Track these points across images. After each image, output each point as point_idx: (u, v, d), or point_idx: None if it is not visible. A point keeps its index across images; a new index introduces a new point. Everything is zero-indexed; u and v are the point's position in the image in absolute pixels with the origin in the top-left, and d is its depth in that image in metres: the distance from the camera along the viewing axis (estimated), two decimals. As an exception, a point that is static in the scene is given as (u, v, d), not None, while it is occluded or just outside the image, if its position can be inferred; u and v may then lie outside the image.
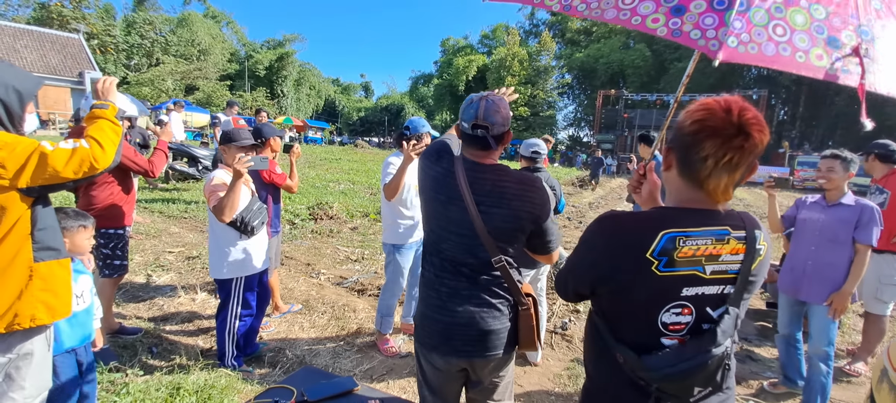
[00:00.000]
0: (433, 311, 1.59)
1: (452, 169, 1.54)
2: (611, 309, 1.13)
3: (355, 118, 63.08)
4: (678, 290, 1.03)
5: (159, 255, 5.29)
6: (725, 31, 1.41)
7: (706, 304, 1.05)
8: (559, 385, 3.22)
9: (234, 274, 2.84)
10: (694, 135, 1.01)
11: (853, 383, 3.42)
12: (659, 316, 1.05)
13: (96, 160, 1.65)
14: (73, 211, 2.24)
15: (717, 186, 1.03)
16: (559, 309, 4.44)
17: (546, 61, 44.28)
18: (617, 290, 1.09)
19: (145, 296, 4.20)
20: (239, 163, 2.60)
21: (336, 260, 5.81)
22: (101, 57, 33.53)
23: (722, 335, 1.02)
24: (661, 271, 1.01)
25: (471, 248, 1.53)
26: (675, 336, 1.06)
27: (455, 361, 1.59)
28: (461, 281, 1.56)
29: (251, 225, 2.82)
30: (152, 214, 7.27)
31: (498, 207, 1.51)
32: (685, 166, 1.06)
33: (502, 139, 1.57)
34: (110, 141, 1.74)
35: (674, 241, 1.01)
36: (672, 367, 1.01)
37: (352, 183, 12.33)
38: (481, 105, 1.52)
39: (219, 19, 49.39)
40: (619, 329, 1.11)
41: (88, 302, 2.22)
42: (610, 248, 1.08)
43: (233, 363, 3.00)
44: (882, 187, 3.45)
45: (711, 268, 1.03)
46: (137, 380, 2.71)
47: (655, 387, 1.06)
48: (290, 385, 1.62)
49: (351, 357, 3.37)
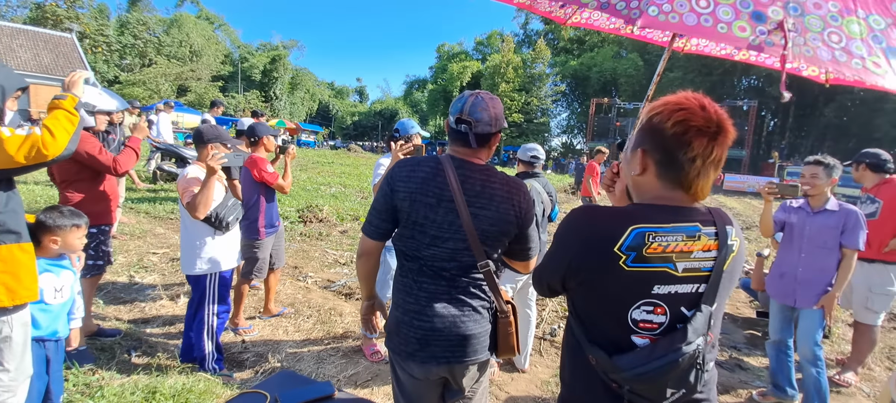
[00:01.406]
0: (409, 317, 1.51)
1: (441, 167, 1.47)
2: (582, 306, 1.11)
3: (349, 122, 62.99)
4: (648, 287, 1.00)
5: (143, 256, 5.18)
6: (646, 1, 1.47)
7: (680, 304, 1.02)
8: (547, 391, 3.17)
9: (207, 270, 2.79)
10: (680, 136, 0.99)
11: (843, 393, 3.40)
12: (629, 312, 1.02)
13: (45, 146, 1.68)
14: (68, 210, 2.25)
15: (705, 185, 1.03)
16: (548, 315, 4.40)
17: (540, 69, 44.50)
18: (586, 284, 1.06)
19: (127, 298, 4.10)
20: (212, 160, 2.58)
21: (324, 264, 5.73)
22: (93, 57, 33.28)
23: (693, 333, 0.99)
24: (629, 266, 0.99)
25: (455, 252, 1.46)
26: (648, 334, 1.03)
27: (434, 369, 1.52)
28: (441, 285, 1.49)
29: (225, 221, 2.78)
30: (138, 215, 7.14)
31: (486, 209, 1.46)
32: (668, 168, 1.03)
33: (487, 141, 1.50)
34: (63, 129, 1.78)
35: (643, 237, 0.99)
36: (643, 366, 0.98)
37: (343, 186, 12.24)
38: (469, 100, 1.48)
39: (212, 21, 49.22)
40: (590, 327, 1.09)
41: (67, 297, 2.22)
42: (580, 241, 1.06)
43: (213, 366, 2.92)
44: (873, 197, 3.46)
45: (683, 266, 1.01)
46: (113, 383, 2.62)
47: (628, 389, 1.03)
48: (265, 390, 1.56)
49: (335, 362, 3.30)
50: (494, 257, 1.51)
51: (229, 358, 3.22)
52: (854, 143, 25.72)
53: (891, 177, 3.46)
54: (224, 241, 2.84)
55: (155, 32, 41.18)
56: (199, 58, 42.99)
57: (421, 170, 1.50)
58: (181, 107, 27.53)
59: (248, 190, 3.56)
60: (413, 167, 1.52)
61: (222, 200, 2.81)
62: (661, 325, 1.03)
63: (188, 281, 2.91)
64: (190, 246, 2.80)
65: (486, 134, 1.48)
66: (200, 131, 2.87)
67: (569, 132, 52.15)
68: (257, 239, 3.56)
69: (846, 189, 13.18)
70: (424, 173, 1.49)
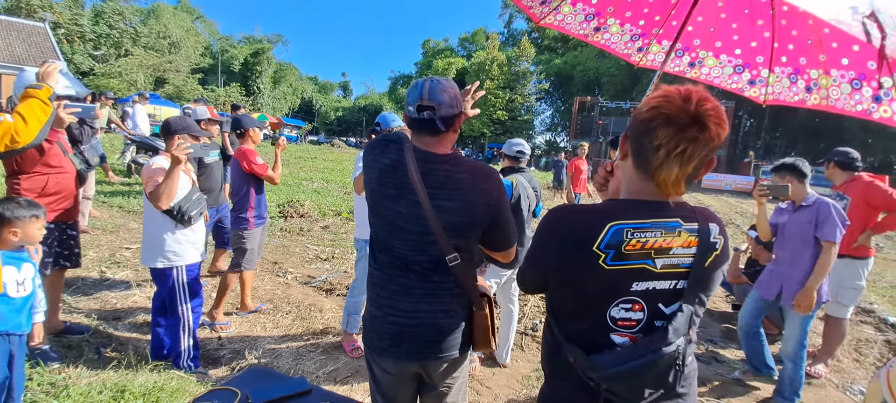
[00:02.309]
0: (382, 312, 1.48)
1: (402, 159, 1.41)
2: (561, 304, 1.09)
3: (332, 117, 62.31)
4: (628, 285, 0.99)
5: (115, 251, 5.02)
6: None
7: (658, 300, 1.01)
8: (527, 386, 3.18)
9: (168, 264, 2.71)
10: (647, 122, 0.97)
11: (814, 384, 3.49)
12: (608, 310, 1.00)
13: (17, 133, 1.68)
14: (25, 201, 2.18)
15: (667, 178, 0.98)
16: (530, 310, 4.41)
17: (524, 67, 44.69)
18: (565, 283, 1.05)
19: (97, 293, 3.96)
20: (177, 150, 2.52)
21: (305, 259, 5.65)
22: (67, 46, 32.22)
23: (673, 333, 0.98)
24: (609, 264, 0.97)
25: (422, 246, 1.41)
26: (626, 332, 1.02)
27: (407, 364, 1.49)
28: (412, 279, 1.44)
29: (188, 214, 2.71)
30: (111, 209, 6.92)
31: (451, 200, 1.40)
32: (637, 155, 1.02)
33: (452, 123, 1.43)
34: (35, 118, 1.77)
35: (621, 234, 0.97)
36: (620, 365, 0.97)
37: (325, 182, 12.11)
38: (426, 85, 1.40)
39: (192, 13, 48.08)
40: (569, 326, 1.07)
41: (29, 290, 2.15)
42: (558, 240, 1.04)
43: (189, 364, 2.85)
44: (842, 194, 3.55)
45: (662, 262, 0.99)
46: (80, 382, 2.53)
47: (605, 388, 1.01)
48: (236, 387, 1.51)
49: (315, 358, 3.25)
50: (467, 249, 1.46)
51: (204, 355, 3.14)
52: (825, 144, 26.50)
53: (859, 175, 3.56)
54: (187, 236, 2.77)
55: (131, 22, 39.99)
56: (178, 49, 41.94)
57: (383, 158, 1.45)
58: (159, 100, 26.85)
59: (237, 181, 3.54)
60: (378, 152, 1.48)
61: (187, 193, 2.74)
62: (640, 322, 1.01)
63: (152, 275, 2.82)
64: (151, 239, 2.72)
65: (451, 116, 1.42)
66: (168, 122, 2.82)
67: (552, 130, 52.58)
68: (246, 229, 3.55)
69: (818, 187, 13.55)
70: (385, 164, 1.44)
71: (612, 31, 2.32)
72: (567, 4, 2.26)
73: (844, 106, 1.80)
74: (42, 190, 2.81)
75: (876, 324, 4.73)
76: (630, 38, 2.32)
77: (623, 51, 2.37)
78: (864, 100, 1.73)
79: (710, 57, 2.16)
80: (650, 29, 2.25)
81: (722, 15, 2.02)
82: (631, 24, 2.28)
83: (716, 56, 2.14)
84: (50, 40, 27.06)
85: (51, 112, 1.88)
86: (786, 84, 2.00)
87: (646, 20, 2.24)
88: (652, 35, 2.27)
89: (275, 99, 50.79)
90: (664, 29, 2.22)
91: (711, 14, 2.01)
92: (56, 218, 2.93)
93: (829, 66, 1.82)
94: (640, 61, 2.38)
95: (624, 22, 2.28)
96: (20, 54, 24.92)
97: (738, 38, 2.05)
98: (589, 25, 2.31)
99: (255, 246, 3.66)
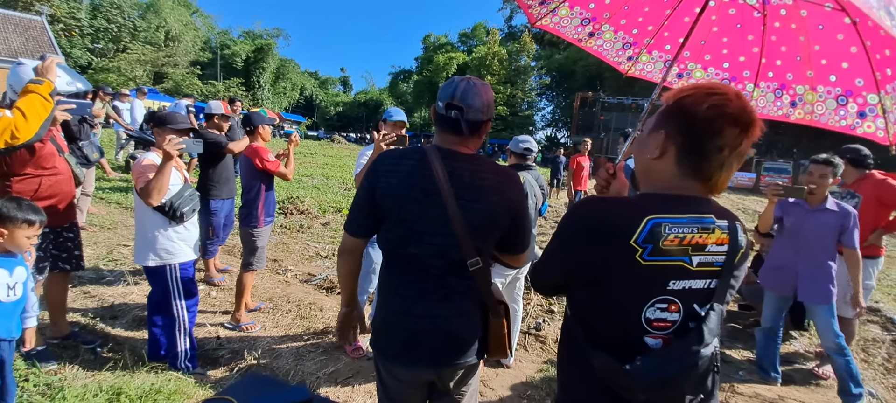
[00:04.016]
0: (396, 318, 1.42)
1: (426, 158, 1.37)
2: (588, 306, 1.02)
3: (333, 112, 62.20)
4: (664, 283, 0.94)
5: (113, 248, 4.97)
6: None
7: (693, 300, 0.97)
8: (531, 387, 3.12)
9: (161, 262, 2.65)
10: (710, 122, 0.93)
11: (823, 385, 3.44)
12: (643, 311, 0.95)
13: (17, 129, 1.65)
14: (26, 204, 2.12)
15: (726, 178, 0.98)
16: (533, 309, 4.35)
17: (525, 62, 44.49)
18: (596, 281, 0.98)
19: (93, 291, 3.91)
20: (169, 145, 2.46)
21: (305, 257, 5.59)
22: (65, 41, 32.03)
23: (709, 333, 0.94)
24: (646, 260, 0.92)
25: (444, 249, 1.37)
26: (660, 334, 0.96)
27: (421, 371, 1.45)
28: (428, 283, 1.39)
29: (180, 211, 2.64)
30: (109, 205, 6.87)
31: (476, 201, 1.36)
32: (691, 154, 0.97)
33: (478, 128, 1.41)
34: (36, 114, 1.74)
35: (659, 228, 0.92)
36: (660, 371, 0.91)
37: (326, 177, 12.04)
38: (461, 85, 1.38)
39: (190, 8, 47.83)
40: (596, 329, 1.00)
41: (20, 294, 2.08)
42: (589, 235, 0.97)
43: (186, 364, 2.79)
44: (853, 192, 3.48)
45: (698, 260, 0.95)
46: (76, 384, 2.47)
47: (644, 399, 0.94)
48: (232, 396, 1.45)
49: (315, 359, 3.19)
50: (485, 253, 1.43)
51: (203, 355, 3.09)
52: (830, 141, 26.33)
53: (870, 173, 3.49)
54: (180, 233, 2.71)
55: (130, 16, 39.76)
56: (177, 44, 41.74)
57: (405, 162, 1.40)
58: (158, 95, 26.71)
59: (248, 178, 3.50)
60: (396, 159, 1.42)
61: (179, 190, 2.68)
62: (675, 324, 0.97)
63: (145, 274, 2.76)
64: (144, 237, 2.66)
65: (478, 121, 1.39)
66: (153, 113, 2.78)
67: (553, 125, 52.43)
68: (257, 227, 3.52)
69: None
70: (408, 166, 1.39)
71: (605, 38, 2.35)
72: (564, 7, 2.27)
73: (828, 120, 1.87)
74: (34, 193, 2.64)
75: (883, 324, 4.67)
76: (622, 45, 2.35)
77: (614, 58, 2.40)
78: (849, 115, 1.80)
79: (698, 69, 2.21)
80: (642, 38, 2.28)
81: (714, 28, 2.07)
82: (624, 31, 2.30)
83: (704, 69, 2.20)
84: (47, 34, 26.83)
85: (51, 108, 1.85)
86: (770, 98, 2.07)
87: (639, 29, 2.26)
88: (643, 44, 2.29)
89: (275, 94, 50.67)
90: (655, 39, 2.25)
91: (704, 27, 2.05)
92: (50, 223, 2.80)
93: (816, 82, 1.87)
94: (629, 70, 2.40)
95: (618, 29, 2.30)
96: (17, 48, 24.72)
97: (727, 51, 2.11)
98: (584, 30, 2.33)
99: (265, 244, 3.64)
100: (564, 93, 47.40)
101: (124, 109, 8.67)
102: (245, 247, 3.57)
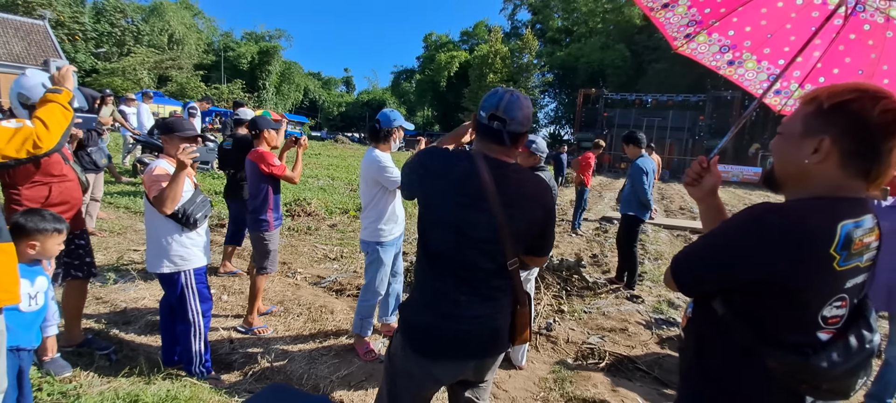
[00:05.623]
0: (442, 320, 1.49)
1: (476, 168, 1.43)
2: (763, 308, 1.02)
3: (336, 113, 62.26)
4: (844, 282, 0.98)
5: (124, 253, 4.99)
6: None
7: (855, 294, 1.02)
8: (544, 388, 3.11)
9: (175, 268, 2.66)
10: (887, 126, 0.95)
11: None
12: (821, 310, 0.98)
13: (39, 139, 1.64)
14: (50, 215, 2.16)
15: (889, 177, 1.01)
16: (544, 309, 4.34)
17: (528, 59, 44.32)
18: (785, 289, 0.98)
19: (106, 297, 3.93)
20: (183, 154, 2.46)
21: (313, 259, 5.60)
22: (69, 46, 32.18)
23: (873, 322, 1.03)
24: (841, 266, 0.95)
25: (490, 252, 1.45)
26: (832, 329, 1.01)
27: (464, 368, 1.55)
28: (473, 285, 1.48)
29: (193, 217, 2.64)
30: (118, 210, 6.90)
31: (520, 209, 1.45)
32: (860, 158, 0.98)
33: (518, 139, 1.49)
34: (57, 124, 1.73)
35: (852, 233, 0.96)
36: (850, 361, 0.98)
37: (331, 179, 12.06)
38: (505, 97, 1.45)
39: (191, 10, 48.01)
40: (772, 330, 1.01)
41: (41, 303, 2.11)
42: (779, 246, 0.95)
43: (201, 369, 2.79)
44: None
45: (866, 256, 1.01)
46: (92, 391, 2.48)
47: (825, 388, 1.00)
48: (256, 407, 1.45)
49: (328, 362, 3.19)
50: (521, 254, 1.53)
51: (217, 360, 3.10)
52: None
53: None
54: (192, 239, 2.71)
55: (133, 20, 39.96)
56: (181, 47, 41.90)
57: (456, 168, 1.47)
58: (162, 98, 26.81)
59: (255, 182, 3.50)
60: (446, 162, 1.50)
61: (191, 196, 2.68)
62: (843, 317, 1.02)
63: (159, 281, 2.76)
64: (156, 244, 2.66)
65: (519, 133, 1.47)
66: (162, 121, 2.77)
67: (557, 123, 52.28)
68: (267, 230, 3.53)
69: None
70: (459, 173, 1.45)
71: (747, 67, 2.20)
72: (703, 34, 2.16)
73: None
74: (45, 200, 2.64)
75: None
76: (766, 76, 2.18)
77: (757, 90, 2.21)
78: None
79: (752, 60, 2.13)
80: (741, 42, 2.14)
81: (787, 25, 1.99)
82: (768, 61, 2.15)
83: (758, 61, 2.12)
84: (50, 39, 26.87)
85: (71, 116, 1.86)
86: None
87: (735, 30, 2.12)
88: (743, 48, 2.15)
89: (279, 96, 50.80)
90: (754, 43, 2.11)
91: (779, 23, 1.98)
92: None
93: None
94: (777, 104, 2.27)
95: (761, 58, 2.16)
96: (19, 53, 24.70)
97: (788, 49, 2.02)
98: (723, 58, 2.21)
99: (277, 247, 3.65)
100: (567, 90, 47.26)
101: (130, 113, 8.71)
102: (257, 252, 3.58)
